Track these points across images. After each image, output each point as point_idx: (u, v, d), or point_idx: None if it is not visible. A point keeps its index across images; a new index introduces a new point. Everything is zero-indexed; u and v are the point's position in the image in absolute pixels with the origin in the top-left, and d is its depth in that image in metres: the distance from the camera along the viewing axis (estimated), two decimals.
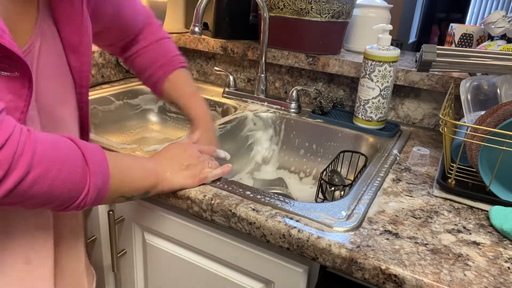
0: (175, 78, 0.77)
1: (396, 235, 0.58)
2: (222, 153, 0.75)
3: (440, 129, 0.71)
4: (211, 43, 1.26)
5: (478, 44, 1.08)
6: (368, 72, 0.94)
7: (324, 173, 0.82)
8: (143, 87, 1.23)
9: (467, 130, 0.71)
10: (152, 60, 0.77)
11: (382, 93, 0.94)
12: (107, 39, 0.74)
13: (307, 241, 0.56)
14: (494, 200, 0.67)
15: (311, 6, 1.07)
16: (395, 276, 0.51)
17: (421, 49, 0.80)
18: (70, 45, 0.51)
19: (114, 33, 0.73)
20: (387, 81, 0.93)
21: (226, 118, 1.02)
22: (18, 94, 0.45)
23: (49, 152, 0.44)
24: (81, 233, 0.66)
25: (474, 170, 0.72)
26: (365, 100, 0.96)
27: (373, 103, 0.96)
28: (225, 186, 0.68)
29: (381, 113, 0.97)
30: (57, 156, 0.45)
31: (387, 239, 0.57)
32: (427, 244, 0.56)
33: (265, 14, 1.05)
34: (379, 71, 0.92)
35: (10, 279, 0.51)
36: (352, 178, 0.89)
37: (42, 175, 0.43)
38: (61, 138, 0.47)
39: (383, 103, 0.96)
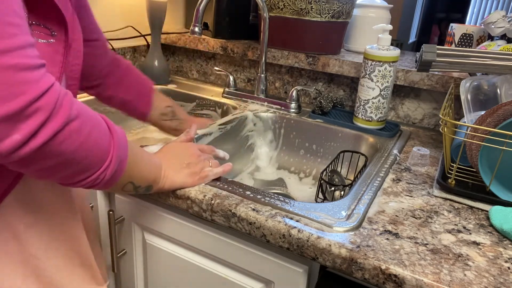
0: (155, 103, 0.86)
1: (396, 235, 0.58)
2: (221, 153, 0.76)
3: (440, 129, 0.71)
4: (211, 43, 1.26)
5: (478, 44, 1.08)
6: (368, 72, 0.94)
7: (324, 173, 0.82)
8: None
9: (467, 130, 0.71)
10: (128, 95, 0.82)
11: (382, 93, 0.94)
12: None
13: (307, 241, 0.56)
14: (494, 200, 0.67)
15: (311, 6, 1.07)
16: (395, 276, 0.51)
17: (421, 49, 0.80)
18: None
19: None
20: (387, 81, 0.93)
21: (226, 118, 1.02)
22: (52, 60, 0.47)
23: (83, 112, 0.45)
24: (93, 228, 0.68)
25: (474, 170, 0.72)
26: (365, 100, 0.96)
27: (373, 103, 0.96)
28: (225, 186, 0.68)
29: (381, 113, 0.97)
30: (90, 117, 0.46)
31: (387, 239, 0.57)
32: (427, 244, 0.56)
33: (265, 14, 1.05)
34: (379, 71, 0.92)
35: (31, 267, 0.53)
36: (352, 178, 0.89)
37: (77, 130, 0.43)
38: (89, 107, 0.49)
39: (383, 103, 0.96)
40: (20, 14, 0.39)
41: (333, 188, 0.83)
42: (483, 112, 0.73)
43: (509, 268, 0.53)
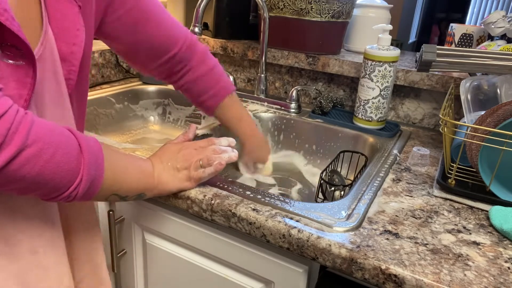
0: (224, 105, 0.83)
1: (396, 235, 0.58)
2: (224, 141, 0.72)
3: (440, 129, 0.71)
4: (211, 43, 1.26)
5: (478, 44, 1.08)
6: (368, 72, 0.94)
7: (324, 173, 0.82)
8: (143, 87, 1.24)
9: (467, 130, 0.71)
10: (205, 89, 0.81)
11: (382, 93, 0.94)
12: (136, 59, 0.75)
13: (307, 241, 0.57)
14: (494, 200, 0.67)
15: (311, 6, 1.07)
16: (395, 276, 0.51)
17: (421, 49, 0.80)
18: (61, 54, 0.52)
19: (143, 54, 0.73)
20: (387, 81, 0.93)
21: None
22: (22, 82, 0.46)
23: (44, 134, 0.44)
24: (97, 227, 0.66)
25: (474, 170, 0.72)
26: (365, 100, 0.96)
27: (373, 103, 0.96)
28: (225, 186, 0.68)
29: (381, 113, 0.97)
30: (53, 140, 0.45)
31: (387, 239, 0.57)
32: (427, 244, 0.56)
33: (265, 14, 1.05)
34: (379, 71, 0.92)
35: (16, 268, 0.51)
36: (352, 178, 0.89)
37: (35, 155, 0.43)
38: (57, 125, 0.47)
39: (383, 103, 0.96)
40: None
41: (333, 188, 0.83)
42: (483, 112, 0.73)
43: (509, 268, 0.53)
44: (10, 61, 0.45)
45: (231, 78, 1.19)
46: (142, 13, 0.68)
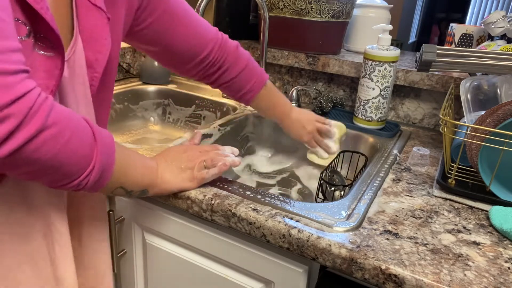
0: (259, 96, 0.87)
1: (396, 235, 0.58)
2: (228, 149, 0.73)
3: (440, 129, 0.71)
4: None
5: (478, 44, 1.08)
6: (368, 72, 0.94)
7: (324, 173, 0.82)
8: (143, 87, 1.24)
9: (467, 130, 0.71)
10: (241, 86, 0.84)
11: (382, 93, 0.94)
12: (169, 61, 0.77)
13: (307, 241, 0.57)
14: (494, 200, 0.67)
15: (311, 6, 1.07)
16: (395, 276, 0.51)
17: (421, 49, 0.80)
18: (87, 60, 0.54)
19: (175, 57, 0.75)
20: (387, 81, 0.93)
21: (226, 119, 1.02)
22: (51, 73, 0.47)
23: (63, 118, 0.44)
24: (104, 217, 0.67)
25: (474, 170, 0.72)
26: (365, 100, 0.96)
27: (373, 103, 0.96)
28: (225, 186, 0.68)
29: (381, 113, 0.97)
30: (70, 125, 0.45)
31: (387, 239, 0.57)
32: (427, 244, 0.56)
33: (265, 14, 1.05)
34: (379, 71, 0.92)
35: (29, 251, 0.53)
36: (352, 178, 0.89)
37: (53, 138, 0.43)
38: (74, 112, 0.48)
39: (383, 103, 0.96)
40: (3, 18, 0.39)
41: (333, 188, 0.83)
42: (483, 112, 0.73)
43: (509, 268, 0.53)
44: (42, 52, 0.46)
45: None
46: (171, 18, 0.70)
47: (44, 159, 0.43)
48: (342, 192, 0.82)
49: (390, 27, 0.92)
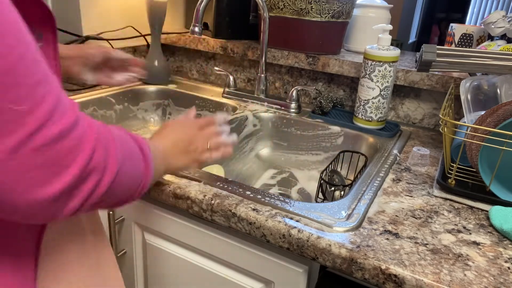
0: None
1: (396, 235, 0.58)
2: (221, 118, 0.71)
3: (440, 129, 0.71)
4: (211, 43, 1.26)
5: (478, 44, 1.08)
6: (368, 72, 0.94)
7: (324, 173, 0.82)
8: (143, 88, 1.24)
9: (467, 130, 0.71)
10: None
11: (382, 93, 0.94)
12: None
13: (307, 241, 0.56)
14: (494, 200, 0.67)
15: (311, 6, 1.07)
16: (395, 276, 0.51)
17: (421, 49, 0.80)
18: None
19: None
20: (387, 81, 0.93)
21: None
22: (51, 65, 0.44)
23: (122, 149, 0.43)
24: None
25: (474, 170, 0.72)
26: (365, 100, 0.96)
27: (373, 103, 0.96)
28: (225, 186, 0.68)
29: (381, 113, 0.97)
30: (128, 152, 0.44)
31: (387, 239, 0.57)
32: (427, 244, 0.56)
33: (265, 14, 1.05)
34: (379, 71, 0.92)
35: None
36: (352, 178, 0.89)
37: (125, 170, 0.43)
38: (124, 132, 0.47)
39: (383, 103, 0.96)
40: (40, 59, 0.34)
41: (333, 188, 0.83)
42: (483, 112, 0.73)
43: (509, 268, 0.53)
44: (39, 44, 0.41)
45: (231, 78, 1.19)
46: None
47: (120, 191, 0.43)
48: (342, 192, 0.82)
49: (390, 27, 0.92)
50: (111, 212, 0.75)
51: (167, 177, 0.70)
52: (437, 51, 0.78)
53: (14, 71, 0.30)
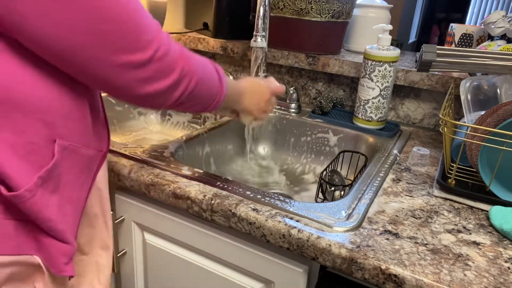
0: None
1: (396, 235, 0.58)
2: (275, 82, 0.83)
3: (440, 129, 0.71)
4: (211, 43, 1.26)
5: (478, 44, 1.08)
6: (368, 72, 0.94)
7: (324, 173, 0.82)
8: None
9: (467, 130, 0.71)
10: None
11: (382, 93, 0.94)
12: None
13: (307, 241, 0.56)
14: (494, 200, 0.67)
15: (311, 6, 1.07)
16: (395, 276, 0.51)
17: (421, 49, 0.80)
18: None
19: None
20: (387, 81, 0.93)
21: (226, 118, 1.02)
22: None
23: (203, 68, 0.57)
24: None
25: (474, 170, 0.72)
26: (365, 100, 0.96)
27: (373, 103, 0.96)
28: (225, 186, 0.68)
29: (381, 113, 0.97)
30: (207, 71, 0.58)
31: (387, 239, 0.57)
32: (427, 244, 0.56)
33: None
34: (379, 71, 0.92)
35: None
36: (352, 178, 0.89)
37: (202, 81, 0.56)
38: (204, 58, 0.59)
39: (383, 103, 0.96)
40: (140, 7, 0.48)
41: (333, 188, 0.83)
42: (483, 112, 0.73)
43: (509, 268, 0.53)
44: None
45: (231, 78, 1.19)
46: None
47: (199, 95, 0.57)
48: (342, 192, 0.82)
49: (390, 27, 0.92)
50: (111, 212, 0.75)
51: (168, 177, 0.70)
52: (437, 51, 0.78)
53: (138, 13, 0.47)
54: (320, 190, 0.82)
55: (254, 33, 0.94)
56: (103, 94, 1.13)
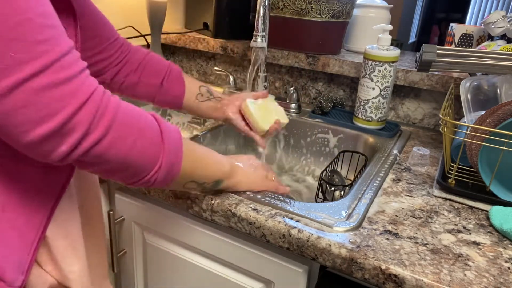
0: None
1: (396, 235, 0.58)
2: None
3: (440, 129, 0.71)
4: (211, 43, 1.26)
5: (478, 44, 1.08)
6: (368, 72, 0.94)
7: (324, 173, 0.82)
8: None
9: (467, 130, 0.71)
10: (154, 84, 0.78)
11: (382, 93, 0.94)
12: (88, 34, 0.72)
13: (307, 241, 0.56)
14: (494, 200, 0.67)
15: (311, 6, 1.07)
16: (395, 276, 0.51)
17: (421, 49, 0.80)
18: None
19: (94, 27, 0.72)
20: (387, 81, 0.93)
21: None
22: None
23: (129, 120, 0.45)
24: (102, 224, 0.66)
25: (474, 170, 0.72)
26: (365, 100, 0.96)
27: (373, 103, 0.96)
28: None
29: (381, 113, 0.97)
30: (137, 126, 0.46)
31: (387, 239, 0.57)
32: (427, 244, 0.56)
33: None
34: (379, 71, 0.92)
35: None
36: (352, 178, 0.89)
37: (120, 140, 0.44)
38: (143, 111, 0.48)
39: (383, 103, 0.96)
40: (53, 24, 0.39)
41: (333, 188, 0.83)
42: (483, 112, 0.73)
43: (509, 268, 0.53)
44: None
45: (231, 78, 1.19)
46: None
47: (114, 159, 0.44)
48: (342, 192, 0.82)
49: (390, 27, 0.92)
50: (111, 212, 0.75)
51: None
52: (437, 51, 0.78)
53: (21, 28, 0.37)
54: (320, 190, 0.82)
55: (254, 33, 0.94)
56: None
